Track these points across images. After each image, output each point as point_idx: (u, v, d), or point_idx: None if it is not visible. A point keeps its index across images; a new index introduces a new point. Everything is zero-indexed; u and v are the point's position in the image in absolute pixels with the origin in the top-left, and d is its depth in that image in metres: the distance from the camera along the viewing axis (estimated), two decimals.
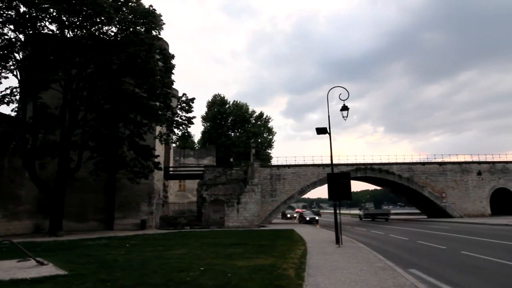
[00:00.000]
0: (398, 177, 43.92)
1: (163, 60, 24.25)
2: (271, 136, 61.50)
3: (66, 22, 20.91)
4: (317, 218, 42.83)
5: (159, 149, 31.16)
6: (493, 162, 46.30)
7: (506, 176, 45.52)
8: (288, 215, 59.88)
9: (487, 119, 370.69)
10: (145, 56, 20.96)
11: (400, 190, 48.74)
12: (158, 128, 28.50)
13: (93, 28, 21.56)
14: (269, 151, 60.38)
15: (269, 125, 61.72)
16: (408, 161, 45.83)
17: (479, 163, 46.14)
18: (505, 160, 47.11)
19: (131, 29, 21.95)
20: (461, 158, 47.72)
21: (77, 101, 22.38)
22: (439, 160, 47.01)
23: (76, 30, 21.64)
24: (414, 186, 43.94)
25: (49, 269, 9.49)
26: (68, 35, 21.76)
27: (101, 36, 22.31)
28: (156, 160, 25.60)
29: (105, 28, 21.87)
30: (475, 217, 42.10)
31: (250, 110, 61.64)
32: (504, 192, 45.38)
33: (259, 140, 58.27)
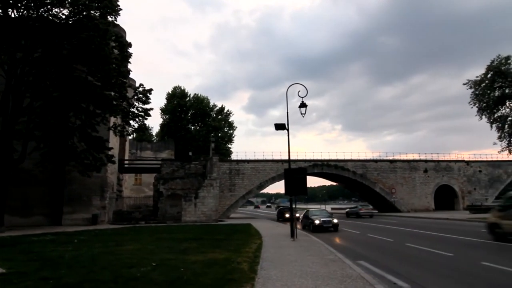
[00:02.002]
0: (353, 174, 45.80)
1: (119, 48, 23.16)
2: (231, 131, 61.32)
3: (10, 0, 19.24)
4: (335, 221, 21.85)
5: (114, 141, 29.87)
6: (438, 161, 49.75)
7: (449, 174, 49.13)
8: (287, 215, 32.70)
9: (435, 120, 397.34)
10: (99, 43, 19.87)
11: (354, 186, 50.87)
12: (112, 119, 27.26)
13: (42, 9, 20.04)
14: (229, 145, 60.19)
15: (230, 120, 61.50)
16: (362, 158, 47.94)
17: (426, 161, 49.35)
18: (449, 159, 50.83)
19: (84, 13, 20.68)
20: (410, 157, 50.81)
21: (22, 86, 20.76)
22: (390, 158, 49.62)
23: (22, 10, 19.99)
24: (366, 182, 46.06)
25: None
26: (13, 15, 20.06)
27: (51, 18, 20.81)
28: (109, 152, 24.51)
29: (55, 10, 20.43)
30: (420, 211, 45.05)
31: (211, 104, 61.02)
32: (447, 188, 48.99)
33: (220, 134, 57.85)
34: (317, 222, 21.47)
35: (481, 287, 7.32)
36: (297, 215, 28.03)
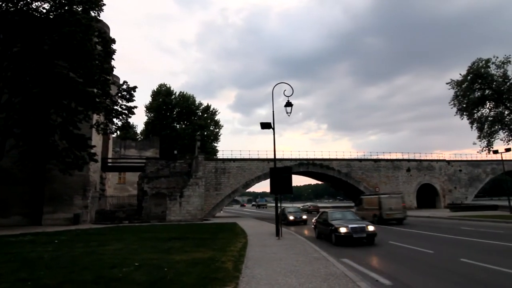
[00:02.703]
0: (338, 172, 46.26)
1: (102, 44, 22.67)
2: (217, 130, 61.00)
3: None
4: (371, 229, 14.29)
5: (96, 139, 29.29)
6: (420, 160, 50.77)
7: (430, 173, 50.19)
8: (292, 218, 27.09)
9: (418, 121, 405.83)
10: (82, 38, 19.39)
11: (339, 184, 51.39)
12: (95, 117, 26.72)
13: (21, 3, 19.43)
14: (215, 144, 59.88)
15: (216, 118, 61.13)
16: (347, 158, 48.44)
17: (409, 160, 50.28)
18: (431, 158, 51.90)
19: (66, 8, 20.15)
20: (393, 156, 51.62)
21: (0, 82, 20.08)
22: (374, 157, 50.31)
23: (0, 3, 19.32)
24: (351, 181, 46.60)
25: None
26: None
27: (31, 12, 20.20)
28: (92, 150, 24.00)
29: (36, 4, 19.84)
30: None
31: (197, 102, 60.50)
32: (428, 187, 50.05)
33: (205, 133, 57.45)
34: (342, 230, 13.78)
35: (459, 282, 7.49)
36: (304, 217, 27.33)
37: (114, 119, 24.81)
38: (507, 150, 34.12)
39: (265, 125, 17.58)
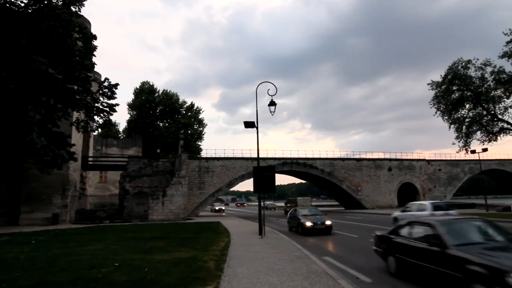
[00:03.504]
0: (321, 172, 46.73)
1: (83, 40, 22.13)
2: (201, 128, 60.53)
3: None
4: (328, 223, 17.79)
5: (77, 137, 28.63)
6: (402, 160, 51.85)
7: (411, 172, 51.33)
8: (309, 224, 17.74)
9: (400, 121, 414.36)
10: (61, 34, 18.87)
11: (323, 183, 51.95)
12: (75, 114, 26.10)
13: None
14: (199, 143, 59.40)
15: (200, 117, 60.66)
16: (330, 157, 48.99)
17: (390, 160, 51.28)
18: (411, 158, 53.08)
19: (45, 2, 19.57)
20: (375, 155, 52.60)
21: None
22: (357, 156, 51.10)
23: None
24: (334, 180, 47.16)
25: None
26: None
27: (8, 6, 19.52)
28: (71, 149, 23.44)
29: None
30: (384, 208, 46.74)
31: (181, 100, 59.85)
32: (409, 186, 51.18)
33: (189, 131, 56.94)
34: (308, 224, 16.88)
35: None
36: (328, 222, 17.79)
37: (95, 117, 24.28)
38: (484, 150, 35.24)
39: (248, 124, 17.56)
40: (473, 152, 34.99)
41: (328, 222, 17.77)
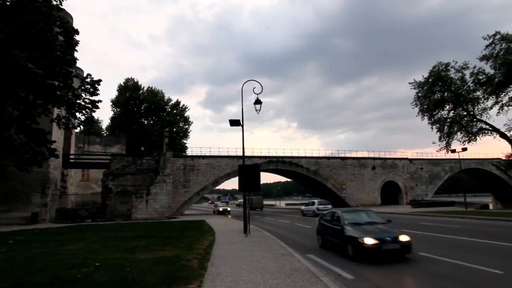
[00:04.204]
0: (306, 170, 47.02)
1: (64, 34, 21.53)
2: (187, 126, 60.02)
3: None
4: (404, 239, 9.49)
5: (58, 134, 27.92)
6: (385, 159, 52.71)
7: (394, 171, 52.24)
8: (374, 241, 9.27)
9: (383, 120, 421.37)
10: (41, 28, 18.31)
11: (308, 182, 52.29)
12: (56, 111, 25.45)
13: None
14: (185, 141, 58.94)
15: (185, 115, 60.13)
16: (315, 156, 49.37)
17: (374, 159, 52.05)
18: (394, 157, 54.04)
19: None
20: (359, 154, 53.31)
21: None
22: (342, 155, 51.64)
23: None
24: (319, 178, 47.54)
25: None
26: None
27: None
28: (52, 146, 22.84)
29: None
30: (368, 206, 47.39)
31: (166, 97, 59.20)
32: (392, 184, 52.09)
33: (174, 129, 56.42)
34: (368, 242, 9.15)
35: (417, 275, 7.82)
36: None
37: (77, 114, 23.68)
38: (464, 149, 36.17)
39: (234, 122, 17.50)
40: (453, 151, 35.90)
41: (404, 238, 9.55)
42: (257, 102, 17.24)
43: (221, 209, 43.33)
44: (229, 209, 44.06)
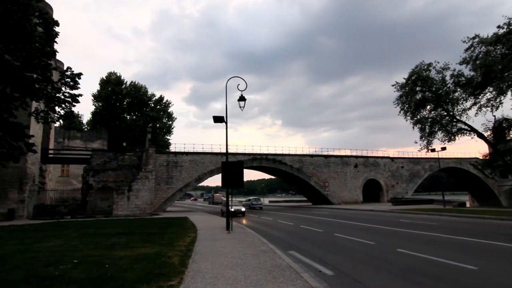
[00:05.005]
0: (290, 168, 47.33)
1: (43, 26, 20.85)
2: (170, 122, 59.31)
3: None
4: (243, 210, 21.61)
5: (36, 128, 27.14)
6: (367, 157, 53.59)
7: (376, 169, 53.20)
8: None
9: (366, 119, 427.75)
10: (19, 18, 17.67)
11: (291, 179, 52.66)
12: (34, 104, 24.71)
13: None
14: (168, 137, 58.22)
15: (169, 110, 59.34)
16: (299, 153, 49.77)
17: (356, 157, 52.85)
18: (376, 155, 55.00)
19: None
20: (342, 153, 53.94)
21: None
22: (325, 153, 52.23)
23: None
24: (303, 176, 47.94)
25: None
26: None
27: None
28: (30, 140, 22.16)
29: None
30: (350, 203, 48.21)
31: (150, 93, 58.23)
32: (373, 182, 53.04)
33: (158, 125, 55.61)
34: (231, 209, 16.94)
35: (394, 271, 7.99)
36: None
37: (56, 107, 23.03)
38: (443, 149, 37.13)
39: (218, 119, 17.41)
40: (433, 150, 36.82)
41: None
42: (241, 99, 17.20)
43: (232, 209, 22.70)
44: (243, 209, 31.33)
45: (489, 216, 22.08)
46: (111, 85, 54.66)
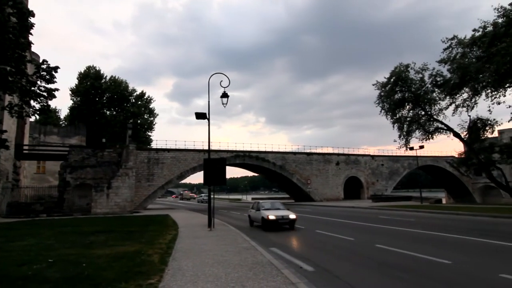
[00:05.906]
0: (273, 165, 47.47)
1: (17, 16, 20.00)
2: (152, 118, 58.34)
3: None
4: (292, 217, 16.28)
5: (9, 123, 26.14)
6: (348, 155, 54.37)
7: (357, 167, 54.07)
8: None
9: (348, 118, 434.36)
10: None
11: (274, 176, 52.83)
12: (7, 98, 23.77)
13: None
14: (150, 133, 57.28)
15: (150, 106, 58.36)
16: (282, 151, 49.94)
17: (338, 155, 53.53)
18: (358, 153, 55.89)
19: None
20: (325, 150, 54.52)
21: None
22: (308, 151, 52.60)
23: None
24: (285, 173, 48.18)
25: None
26: None
27: None
28: (3, 136, 21.31)
29: None
30: (332, 200, 48.82)
31: (131, 88, 57.05)
32: (354, 179, 53.90)
33: (139, 121, 54.64)
34: (271, 217, 16.17)
35: (373, 266, 8.13)
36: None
37: (31, 102, 22.21)
38: (421, 147, 38.14)
39: (200, 115, 17.24)
40: (412, 149, 37.73)
41: (292, 216, 16.40)
42: (224, 95, 17.08)
43: (271, 218, 16.32)
44: (293, 216, 16.94)
45: (463, 212, 22.83)
46: (90, 80, 53.23)
